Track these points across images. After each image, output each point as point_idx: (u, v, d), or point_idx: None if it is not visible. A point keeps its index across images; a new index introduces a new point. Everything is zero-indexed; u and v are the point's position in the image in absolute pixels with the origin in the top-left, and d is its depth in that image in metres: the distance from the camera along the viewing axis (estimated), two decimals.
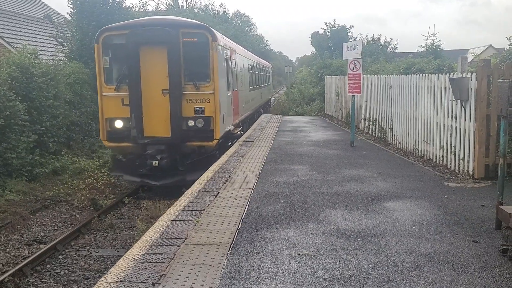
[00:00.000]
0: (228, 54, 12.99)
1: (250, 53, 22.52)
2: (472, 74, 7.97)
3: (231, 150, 11.56)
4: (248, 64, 18.97)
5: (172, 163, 10.94)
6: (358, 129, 15.85)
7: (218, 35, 11.95)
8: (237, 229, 5.46)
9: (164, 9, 39.11)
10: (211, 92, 11.00)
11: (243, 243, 5.01)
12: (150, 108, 10.92)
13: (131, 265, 4.42)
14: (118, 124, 11.17)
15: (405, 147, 11.35)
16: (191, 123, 10.98)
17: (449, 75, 8.83)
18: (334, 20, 33.38)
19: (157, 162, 10.65)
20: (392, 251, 4.74)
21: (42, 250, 8.06)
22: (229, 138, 13.14)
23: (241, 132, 15.16)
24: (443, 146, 9.14)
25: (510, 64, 7.67)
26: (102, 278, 4.16)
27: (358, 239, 5.11)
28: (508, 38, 9.11)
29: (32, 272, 7.57)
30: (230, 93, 12.79)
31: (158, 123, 10.95)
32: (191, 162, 11.12)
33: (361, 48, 11.65)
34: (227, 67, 12.68)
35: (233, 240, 5.07)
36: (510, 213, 4.41)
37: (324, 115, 22.90)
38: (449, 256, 4.60)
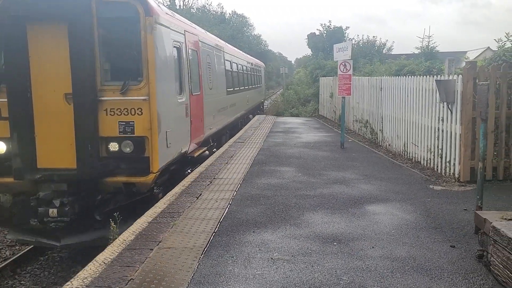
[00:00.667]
0: (182, 41, 8.78)
1: (231, 46, 17.81)
2: (458, 76, 7.91)
3: (219, 151, 11.48)
4: (227, 60, 14.57)
5: (82, 211, 6.86)
6: (350, 131, 15.79)
7: (159, 9, 7.60)
8: (214, 232, 5.39)
9: None
10: (144, 98, 6.78)
11: (217, 246, 4.94)
12: (46, 123, 6.80)
13: (99, 269, 4.35)
14: None
15: (394, 149, 11.29)
16: (113, 147, 6.87)
17: (436, 77, 8.77)
18: (329, 21, 33.38)
19: (55, 210, 6.58)
20: (367, 256, 4.67)
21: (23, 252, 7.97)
22: (187, 164, 9.29)
23: (213, 150, 11.53)
24: (430, 149, 9.08)
25: (495, 67, 7.61)
26: (68, 283, 4.08)
27: (335, 243, 5.04)
28: (497, 40, 9.03)
29: (12, 273, 7.48)
30: (183, 99, 8.53)
31: (58, 147, 6.80)
32: (115, 209, 6.71)
33: (351, 49, 11.58)
34: (179, 59, 8.54)
35: (207, 244, 5.00)
36: (485, 218, 4.34)
37: (319, 116, 22.84)
38: (424, 262, 4.53)
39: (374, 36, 32.38)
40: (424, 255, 4.69)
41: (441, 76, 8.85)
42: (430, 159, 9.13)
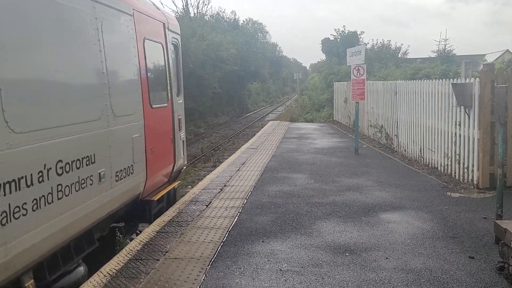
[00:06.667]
0: None
1: None
2: (475, 79, 7.65)
3: (232, 158, 11.37)
4: None
5: None
6: (365, 136, 15.53)
7: None
8: (222, 241, 5.25)
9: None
10: None
11: (225, 257, 4.79)
12: None
13: (104, 281, 4.25)
14: None
15: (410, 155, 11.01)
16: None
17: (452, 80, 8.52)
18: (344, 26, 33.11)
19: None
20: (381, 268, 4.47)
21: None
22: None
23: None
24: (447, 154, 8.80)
25: None
26: None
27: (347, 254, 4.85)
28: None
29: None
30: None
31: None
32: None
33: (364, 54, 11.38)
34: None
35: (215, 254, 4.86)
36: (506, 229, 4.10)
37: (333, 121, 22.59)
38: (441, 274, 4.31)
39: (389, 40, 32.01)
40: (441, 267, 4.47)
41: (457, 79, 8.59)
42: (447, 165, 8.85)
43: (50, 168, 3.90)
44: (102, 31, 4.88)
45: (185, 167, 8.45)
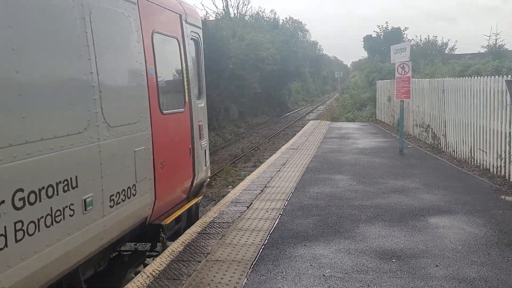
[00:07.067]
0: None
1: None
2: None
3: (272, 158, 11.29)
4: None
5: None
6: (410, 136, 15.02)
7: None
8: (263, 244, 5.18)
9: (213, 18, 39.73)
10: None
11: (266, 260, 4.72)
12: None
13: (147, 282, 4.28)
14: None
15: (459, 156, 10.51)
16: None
17: (507, 77, 8.03)
18: (387, 22, 32.21)
19: None
20: (430, 276, 4.24)
21: None
22: None
23: None
24: (500, 155, 8.31)
25: None
26: None
27: (393, 260, 4.65)
28: None
29: None
30: None
31: None
32: None
33: (409, 50, 10.97)
34: None
35: (256, 257, 4.80)
36: None
37: (376, 121, 22.02)
38: (497, 284, 4.04)
39: (435, 36, 30.83)
40: (496, 276, 4.19)
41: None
42: (500, 166, 8.36)
43: (3, 202, 2.97)
44: (90, 21, 3.94)
45: (208, 179, 7.38)
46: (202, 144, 6.76)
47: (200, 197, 7.05)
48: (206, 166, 6.98)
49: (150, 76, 4.99)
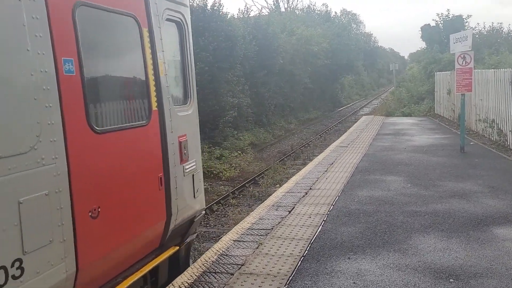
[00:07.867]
0: None
1: None
2: None
3: (320, 157, 10.77)
4: None
5: None
6: (472, 132, 13.87)
7: None
8: (302, 256, 4.75)
9: (267, 13, 39.27)
10: None
11: (304, 275, 4.29)
12: None
13: None
14: None
15: None
16: None
17: None
18: (447, 10, 30.26)
19: None
20: None
21: None
22: None
23: None
24: None
25: None
26: None
27: (451, 280, 4.05)
28: None
29: None
30: None
31: None
32: None
33: (471, 39, 9.98)
34: None
35: (293, 271, 4.38)
36: None
37: (434, 115, 20.74)
38: None
39: (500, 23, 28.54)
40: None
41: None
42: None
43: None
44: None
45: (203, 213, 5.35)
46: (187, 168, 4.78)
47: (186, 241, 4.99)
48: (195, 197, 5.04)
49: (65, 73, 3.13)
